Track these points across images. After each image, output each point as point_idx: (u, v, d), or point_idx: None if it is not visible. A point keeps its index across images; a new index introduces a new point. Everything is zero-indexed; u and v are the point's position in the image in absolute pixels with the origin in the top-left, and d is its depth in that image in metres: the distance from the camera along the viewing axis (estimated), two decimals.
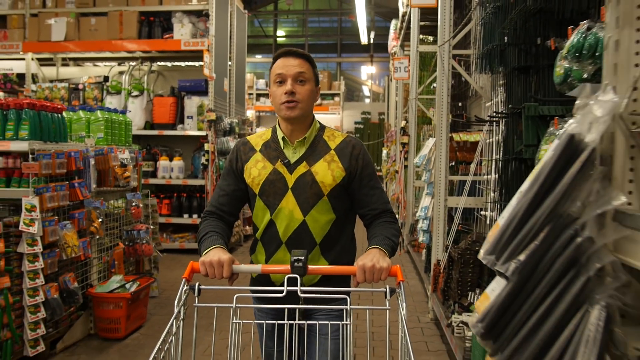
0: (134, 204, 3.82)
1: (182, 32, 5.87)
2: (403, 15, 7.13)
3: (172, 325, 1.22)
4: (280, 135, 1.63)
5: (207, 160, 5.79)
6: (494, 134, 3.04)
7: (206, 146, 5.78)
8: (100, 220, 3.33)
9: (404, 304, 1.27)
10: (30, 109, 2.81)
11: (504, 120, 2.55)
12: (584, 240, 1.01)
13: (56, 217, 2.92)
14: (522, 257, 1.06)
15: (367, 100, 16.63)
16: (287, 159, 1.61)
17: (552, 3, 2.02)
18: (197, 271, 1.41)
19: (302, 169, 1.59)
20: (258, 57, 16.68)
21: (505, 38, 2.46)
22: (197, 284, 1.32)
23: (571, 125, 1.03)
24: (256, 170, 1.62)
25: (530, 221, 1.05)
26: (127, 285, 3.36)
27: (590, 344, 0.92)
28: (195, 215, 5.94)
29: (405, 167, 6.16)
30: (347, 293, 1.36)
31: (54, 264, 2.90)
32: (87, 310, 3.32)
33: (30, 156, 2.74)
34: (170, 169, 5.98)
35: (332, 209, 1.60)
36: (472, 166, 3.49)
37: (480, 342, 1.11)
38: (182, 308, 1.27)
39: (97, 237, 3.36)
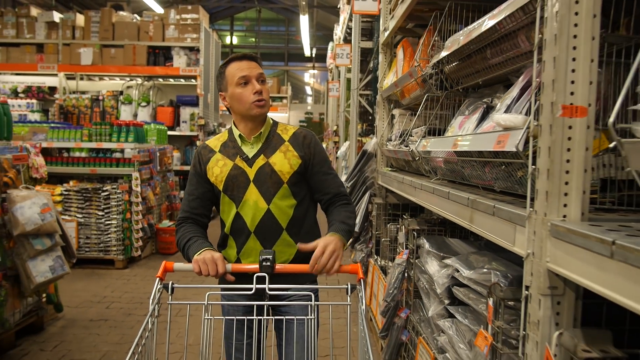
0: (170, 179, 6.34)
1: (179, 62, 8.29)
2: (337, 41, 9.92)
3: (147, 322, 1.26)
4: (236, 134, 1.71)
5: None
6: None
7: (198, 143, 8.30)
8: (159, 187, 5.85)
9: (364, 300, 1.35)
10: (134, 126, 5.29)
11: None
12: (370, 178, 3.83)
13: (146, 183, 5.43)
14: (350, 183, 3.87)
15: (310, 99, 19.44)
16: (245, 154, 1.67)
17: None
18: (169, 270, 1.46)
19: (260, 161, 1.66)
20: None
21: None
22: (170, 283, 1.38)
23: (365, 145, 3.84)
24: (218, 169, 1.68)
25: (354, 172, 3.86)
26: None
27: (364, 202, 3.74)
28: None
29: (337, 157, 9.00)
30: (312, 290, 1.41)
31: (144, 209, 5.41)
32: (152, 239, 5.83)
33: (136, 151, 5.22)
34: None
35: (292, 194, 1.67)
36: None
37: None
38: (156, 306, 1.32)
39: (157, 196, 5.87)
